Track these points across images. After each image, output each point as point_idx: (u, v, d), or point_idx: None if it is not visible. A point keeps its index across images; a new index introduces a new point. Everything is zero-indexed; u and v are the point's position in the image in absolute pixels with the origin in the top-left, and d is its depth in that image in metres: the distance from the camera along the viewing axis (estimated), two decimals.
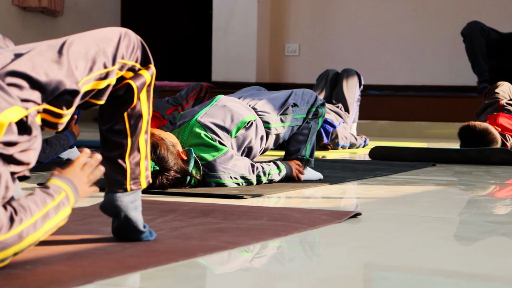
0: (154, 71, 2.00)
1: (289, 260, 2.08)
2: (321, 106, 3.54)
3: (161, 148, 2.73)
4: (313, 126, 3.53)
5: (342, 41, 8.35)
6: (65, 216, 1.81)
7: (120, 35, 1.93)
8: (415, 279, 1.89)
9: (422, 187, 3.54)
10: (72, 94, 1.82)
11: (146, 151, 2.02)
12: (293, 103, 3.46)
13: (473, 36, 7.03)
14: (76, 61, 1.84)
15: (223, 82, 8.47)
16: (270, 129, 3.39)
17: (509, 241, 2.38)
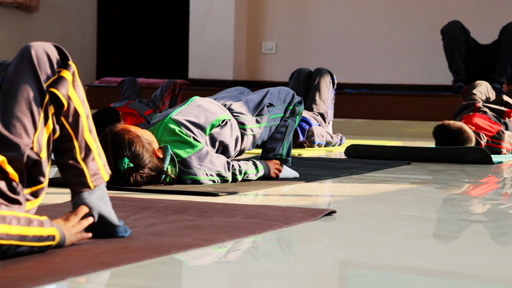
0: (74, 67, 2.03)
1: (264, 257, 2.08)
2: (299, 104, 3.54)
3: (136, 145, 2.71)
4: (290, 124, 3.53)
5: (319, 40, 8.36)
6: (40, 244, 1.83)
7: (31, 63, 1.96)
8: (389, 276, 1.90)
9: (397, 185, 3.55)
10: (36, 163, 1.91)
11: (96, 144, 2.03)
12: (268, 103, 3.46)
13: (453, 35, 7.05)
14: (24, 122, 1.91)
15: (200, 80, 8.46)
16: (246, 130, 3.38)
17: (482, 239, 2.40)
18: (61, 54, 2.00)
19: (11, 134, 1.90)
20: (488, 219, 2.76)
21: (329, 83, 5.74)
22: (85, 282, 1.70)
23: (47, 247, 1.86)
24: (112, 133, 2.73)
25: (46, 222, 1.86)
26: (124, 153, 2.67)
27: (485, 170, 4.20)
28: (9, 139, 1.89)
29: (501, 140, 4.92)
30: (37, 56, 1.97)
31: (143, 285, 1.71)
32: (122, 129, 2.74)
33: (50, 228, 1.87)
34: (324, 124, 5.64)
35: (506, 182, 3.93)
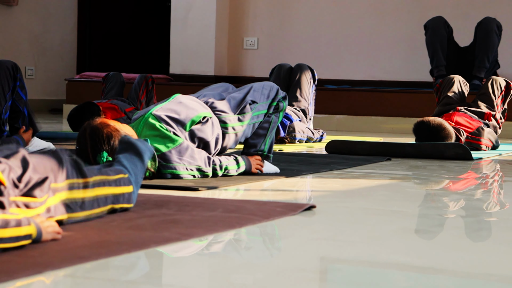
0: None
1: (244, 251, 2.07)
2: (283, 100, 3.52)
3: (115, 138, 2.70)
4: (274, 120, 3.51)
5: (300, 35, 8.37)
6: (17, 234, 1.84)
7: None
8: (367, 271, 1.90)
9: (377, 180, 3.56)
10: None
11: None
12: (251, 100, 3.44)
13: (436, 29, 7.05)
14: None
15: (181, 75, 8.43)
16: (227, 128, 3.37)
17: (461, 234, 2.41)
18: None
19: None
20: (466, 214, 2.78)
21: (310, 79, 5.74)
22: (62, 276, 1.69)
23: (23, 246, 1.86)
24: (91, 127, 2.72)
25: (23, 220, 1.85)
26: (102, 147, 2.66)
27: (465, 166, 4.22)
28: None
29: (480, 136, 4.94)
30: None
31: (121, 279, 1.70)
32: (100, 123, 2.73)
33: (27, 227, 1.86)
34: (305, 120, 5.65)
35: (485, 178, 3.95)
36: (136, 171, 2.45)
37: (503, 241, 2.28)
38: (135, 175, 2.44)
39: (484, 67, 6.91)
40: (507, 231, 2.45)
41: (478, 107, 5.23)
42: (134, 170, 2.45)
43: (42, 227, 1.93)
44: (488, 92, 5.31)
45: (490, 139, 5.03)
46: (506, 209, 2.91)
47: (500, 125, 5.28)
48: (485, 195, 3.30)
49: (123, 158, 2.47)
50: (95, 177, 2.24)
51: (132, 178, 2.42)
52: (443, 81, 5.42)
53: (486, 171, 4.21)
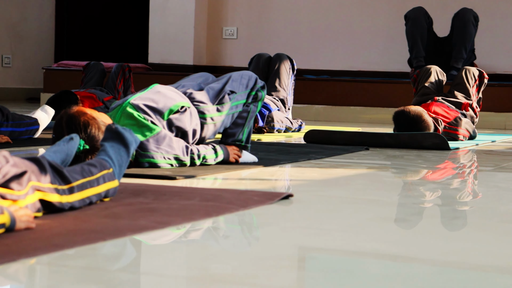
0: None
1: (221, 240, 2.07)
2: (261, 89, 3.52)
3: (92, 127, 2.69)
4: (252, 110, 3.51)
5: (280, 25, 8.36)
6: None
7: None
8: (344, 259, 1.91)
9: (354, 170, 3.57)
10: None
11: None
12: (229, 90, 3.43)
13: (416, 20, 7.06)
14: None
15: (160, 64, 8.40)
16: (206, 119, 3.36)
17: (436, 223, 2.43)
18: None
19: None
20: (442, 203, 2.79)
21: (289, 69, 5.74)
22: (37, 264, 1.68)
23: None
24: (67, 116, 2.70)
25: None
26: (79, 135, 2.65)
27: (442, 156, 4.24)
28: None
29: (458, 126, 4.97)
30: None
31: (96, 266, 1.70)
32: (77, 111, 2.72)
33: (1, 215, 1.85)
34: (284, 110, 5.65)
35: (462, 168, 3.98)
36: (121, 162, 2.44)
37: (477, 229, 2.30)
38: (119, 166, 2.43)
39: (461, 58, 6.94)
40: (482, 219, 2.47)
41: (455, 97, 5.26)
42: (119, 161, 2.43)
43: (16, 216, 1.92)
44: (463, 82, 5.34)
45: (468, 129, 5.06)
46: (480, 198, 2.93)
47: (477, 114, 5.32)
48: (462, 184, 3.33)
49: (109, 147, 2.46)
50: (78, 181, 2.22)
51: (116, 171, 2.41)
52: (420, 71, 5.44)
53: (463, 161, 4.24)
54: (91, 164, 2.34)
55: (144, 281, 1.65)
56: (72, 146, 2.55)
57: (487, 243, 2.08)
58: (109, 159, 2.42)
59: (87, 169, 2.29)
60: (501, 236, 2.20)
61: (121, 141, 2.49)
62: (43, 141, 4.41)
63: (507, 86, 6.97)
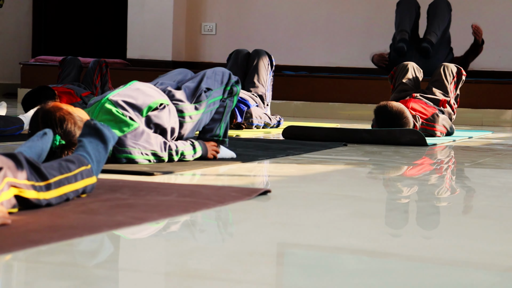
0: None
1: (199, 235, 2.07)
2: (236, 84, 3.53)
3: (68, 122, 2.68)
4: (228, 105, 3.51)
5: (258, 21, 8.36)
6: None
7: None
8: (321, 255, 1.91)
9: (332, 166, 3.58)
10: None
11: None
12: (205, 88, 3.44)
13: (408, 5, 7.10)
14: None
15: (139, 60, 8.37)
16: (184, 117, 3.37)
17: (413, 219, 2.44)
18: None
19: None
20: (419, 199, 2.81)
21: (268, 64, 5.74)
22: (12, 260, 1.67)
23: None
24: (43, 111, 2.69)
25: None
26: (55, 130, 2.63)
27: (419, 152, 4.27)
28: None
29: (435, 123, 5.00)
30: None
31: (73, 263, 1.69)
32: (53, 106, 2.71)
33: None
34: (262, 106, 5.65)
35: (439, 164, 4.00)
36: (99, 159, 2.44)
37: (453, 225, 2.31)
38: (97, 162, 2.43)
39: (434, 32, 7.00)
40: (458, 215, 2.49)
41: (433, 94, 5.28)
42: (97, 157, 2.43)
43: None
44: (442, 78, 5.37)
45: (445, 125, 5.09)
46: (457, 194, 2.95)
47: (454, 111, 5.35)
48: (439, 180, 3.35)
49: (87, 143, 2.45)
50: (55, 177, 2.21)
51: (94, 167, 2.40)
52: (397, 68, 5.46)
53: (440, 157, 4.26)
54: (69, 160, 2.32)
55: (121, 277, 1.64)
56: (46, 141, 2.54)
57: (463, 239, 2.09)
58: (87, 155, 2.41)
59: (65, 165, 2.28)
60: (477, 231, 2.21)
61: (99, 137, 2.48)
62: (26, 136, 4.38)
63: (484, 83, 7.02)
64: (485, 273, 1.75)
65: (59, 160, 2.31)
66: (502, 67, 7.74)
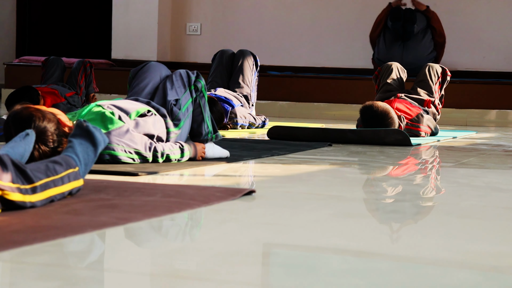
0: None
1: (185, 236, 2.07)
2: (198, 79, 3.52)
3: (36, 118, 2.70)
4: (202, 101, 3.52)
5: (243, 22, 8.35)
6: None
7: None
8: (306, 255, 1.91)
9: (317, 166, 3.59)
10: None
11: None
12: (174, 100, 3.45)
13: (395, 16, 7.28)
14: None
15: (123, 60, 8.35)
16: (169, 133, 3.39)
17: (397, 218, 2.45)
18: None
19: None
20: (404, 199, 2.81)
21: (252, 65, 5.74)
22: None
23: None
24: (12, 114, 2.74)
25: None
26: (25, 129, 2.64)
27: (404, 152, 4.28)
28: None
29: (419, 123, 5.02)
30: None
31: (56, 263, 1.68)
32: (22, 107, 2.75)
33: None
34: (247, 106, 5.65)
35: (424, 164, 4.01)
36: (87, 161, 2.43)
37: (438, 224, 2.32)
38: (85, 165, 2.42)
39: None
40: (443, 215, 2.50)
41: (418, 94, 5.30)
42: (85, 160, 2.42)
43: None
44: (426, 79, 5.39)
45: (429, 125, 5.11)
46: (441, 194, 2.96)
47: (439, 111, 5.37)
48: (423, 180, 3.36)
49: (77, 144, 2.43)
50: (41, 180, 2.19)
51: (82, 169, 2.39)
52: (381, 68, 5.48)
53: (425, 157, 4.28)
54: (56, 162, 2.31)
55: (106, 277, 1.63)
56: (28, 141, 2.53)
57: (447, 238, 2.10)
58: (76, 157, 2.40)
59: (51, 167, 2.27)
60: (461, 231, 2.22)
61: (90, 139, 2.47)
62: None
63: (468, 83, 7.05)
64: (469, 273, 1.76)
65: (46, 162, 2.29)
66: (486, 67, 7.77)
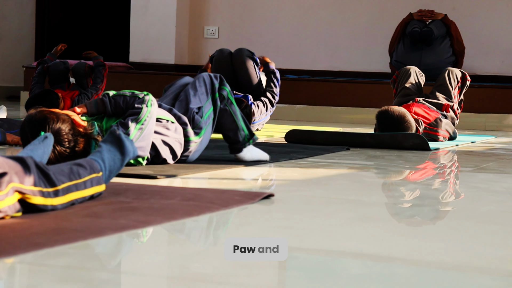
0: None
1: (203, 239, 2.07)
2: (222, 86, 3.45)
3: (50, 120, 2.72)
4: (231, 108, 3.47)
5: (261, 25, 8.36)
6: None
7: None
8: (324, 259, 1.91)
9: (335, 170, 3.58)
10: None
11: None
12: (196, 108, 3.42)
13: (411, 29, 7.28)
14: None
15: (141, 63, 8.38)
16: (189, 141, 3.36)
17: (416, 223, 2.44)
18: None
19: None
20: (422, 203, 2.81)
21: (254, 67, 5.62)
22: (17, 263, 1.67)
23: None
24: (27, 119, 2.76)
25: None
26: (40, 132, 2.67)
27: (422, 156, 4.27)
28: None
29: (438, 127, 5.00)
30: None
31: (77, 266, 1.69)
32: (36, 111, 2.77)
33: None
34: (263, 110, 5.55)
35: (442, 168, 4.00)
36: (112, 169, 2.43)
37: (457, 229, 2.31)
38: (109, 172, 2.42)
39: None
40: (462, 220, 2.49)
41: (436, 99, 5.28)
42: (111, 167, 2.42)
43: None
44: (446, 83, 5.37)
45: (448, 130, 5.09)
46: (460, 199, 2.95)
47: (457, 116, 5.35)
48: (442, 185, 3.34)
49: (106, 150, 2.44)
50: (64, 184, 2.20)
51: (105, 175, 2.39)
52: (399, 72, 5.47)
53: (443, 162, 4.26)
54: (80, 165, 2.31)
55: (124, 280, 1.64)
56: (47, 144, 2.55)
57: (466, 244, 2.09)
58: (102, 162, 2.40)
59: (75, 170, 2.26)
60: (480, 236, 2.21)
61: (119, 148, 2.47)
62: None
63: (487, 87, 7.02)
64: (489, 278, 1.75)
65: (70, 164, 2.29)
66: (504, 71, 7.74)
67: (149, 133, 3.16)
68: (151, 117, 3.14)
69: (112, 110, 3.18)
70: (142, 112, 3.11)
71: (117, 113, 3.19)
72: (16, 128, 4.26)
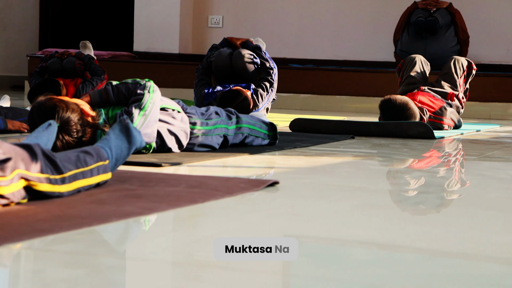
0: None
1: (208, 226, 2.07)
2: (238, 117, 3.66)
3: (60, 109, 2.71)
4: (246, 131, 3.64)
5: (265, 14, 8.34)
6: None
7: None
8: (329, 246, 1.91)
9: (340, 158, 3.58)
10: None
11: None
12: (215, 111, 3.53)
13: None
14: None
15: (145, 53, 8.37)
16: (195, 129, 3.40)
17: (421, 211, 2.44)
18: None
19: None
20: (428, 191, 2.80)
21: (254, 66, 5.56)
22: (22, 249, 1.67)
23: None
24: (36, 105, 2.75)
25: None
26: (49, 119, 2.66)
27: (427, 144, 4.26)
28: None
29: (443, 116, 4.99)
30: None
31: (82, 251, 1.69)
32: (45, 98, 2.76)
33: None
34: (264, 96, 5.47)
35: (447, 157, 3.99)
36: (119, 157, 2.44)
37: (463, 217, 2.31)
38: (116, 160, 2.43)
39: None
40: (467, 207, 2.49)
41: (441, 87, 5.27)
42: (117, 155, 2.43)
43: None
44: (451, 72, 5.35)
45: (452, 118, 5.08)
46: (466, 187, 2.94)
47: (462, 104, 5.34)
48: (447, 173, 3.34)
49: (114, 138, 2.45)
50: (70, 171, 2.20)
51: (112, 163, 2.40)
52: (404, 61, 5.46)
53: (448, 150, 4.25)
54: (87, 153, 2.31)
55: (130, 266, 1.64)
56: (51, 131, 2.55)
57: (472, 231, 2.09)
58: (109, 150, 2.40)
59: (82, 158, 2.26)
60: (486, 223, 2.21)
61: (127, 136, 2.48)
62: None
63: (492, 76, 7.00)
64: (494, 264, 1.75)
65: (77, 152, 2.29)
66: (510, 60, 7.71)
67: (154, 120, 3.17)
68: (153, 103, 3.15)
69: (115, 98, 3.19)
70: (144, 98, 3.13)
71: (120, 100, 3.20)
72: (22, 116, 4.27)
